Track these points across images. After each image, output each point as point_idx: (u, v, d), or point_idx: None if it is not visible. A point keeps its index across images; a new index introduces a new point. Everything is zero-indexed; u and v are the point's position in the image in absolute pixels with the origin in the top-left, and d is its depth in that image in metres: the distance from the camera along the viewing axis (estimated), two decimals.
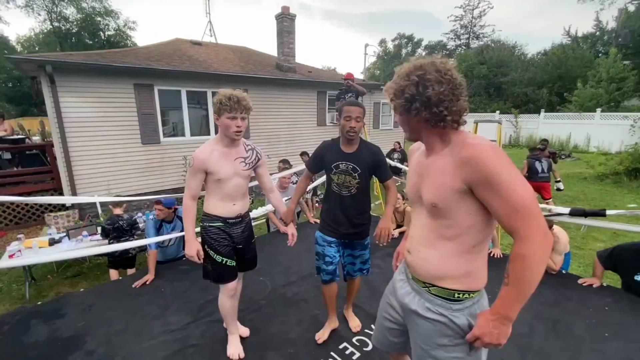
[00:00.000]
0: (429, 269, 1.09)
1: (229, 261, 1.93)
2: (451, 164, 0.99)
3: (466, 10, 30.98)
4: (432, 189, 1.04)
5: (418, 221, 1.15)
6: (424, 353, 1.13)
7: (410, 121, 1.07)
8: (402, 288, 1.22)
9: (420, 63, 1.01)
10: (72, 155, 5.92)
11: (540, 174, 5.81)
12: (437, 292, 1.08)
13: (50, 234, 4.41)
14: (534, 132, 16.49)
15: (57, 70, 5.49)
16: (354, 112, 1.85)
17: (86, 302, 2.59)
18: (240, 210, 1.96)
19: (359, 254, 2.09)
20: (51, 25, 25.16)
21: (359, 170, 1.90)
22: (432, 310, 1.09)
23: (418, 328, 1.14)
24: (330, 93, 9.59)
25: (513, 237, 0.91)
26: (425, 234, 1.10)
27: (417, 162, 1.17)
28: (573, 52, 20.05)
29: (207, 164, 1.80)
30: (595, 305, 2.36)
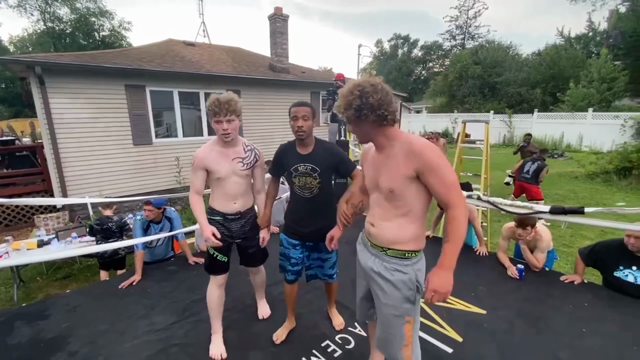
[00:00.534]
0: (387, 236, 1.39)
1: (220, 256, 2.04)
2: (403, 157, 1.28)
3: (461, 10, 31.19)
4: (388, 178, 1.33)
5: (377, 203, 1.43)
6: (386, 308, 1.40)
7: (362, 126, 1.34)
8: (363, 255, 1.52)
9: (357, 82, 1.30)
10: (63, 157, 5.89)
11: (523, 173, 5.83)
12: (392, 254, 1.38)
13: (39, 235, 4.40)
14: (528, 132, 16.61)
15: (47, 71, 5.47)
16: (300, 112, 1.82)
17: (72, 304, 2.58)
18: (240, 208, 2.04)
19: (326, 256, 2.06)
20: (45, 25, 24.98)
21: (318, 170, 1.88)
22: (389, 268, 1.38)
23: (380, 287, 1.41)
24: (323, 93, 9.62)
25: (447, 207, 1.25)
26: (384, 212, 1.39)
27: (372, 158, 1.44)
28: (566, 52, 20.21)
29: (206, 162, 1.92)
30: (576, 302, 2.40)
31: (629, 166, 8.44)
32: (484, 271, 2.91)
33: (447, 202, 1.24)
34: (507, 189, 8.31)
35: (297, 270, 2.06)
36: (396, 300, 1.37)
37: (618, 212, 2.32)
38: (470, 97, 22.72)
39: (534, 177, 5.71)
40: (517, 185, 6.05)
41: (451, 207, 1.24)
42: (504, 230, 2.99)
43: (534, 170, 5.70)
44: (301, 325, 2.25)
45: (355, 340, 2.11)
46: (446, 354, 1.95)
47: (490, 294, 2.55)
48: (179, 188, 6.94)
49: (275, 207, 4.08)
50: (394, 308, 1.38)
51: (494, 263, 3.03)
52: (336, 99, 5.79)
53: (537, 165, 5.71)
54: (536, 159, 5.90)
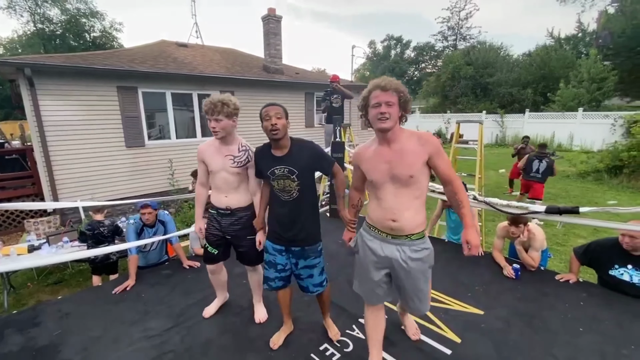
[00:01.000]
0: (410, 225, 1.60)
1: (210, 248, 2.23)
2: (416, 145, 1.54)
3: (453, 12, 31.44)
4: (407, 165, 1.53)
5: (390, 195, 1.59)
6: (416, 280, 1.67)
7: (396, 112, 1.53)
8: (385, 249, 1.67)
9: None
10: (53, 160, 5.79)
11: (533, 172, 5.77)
12: (416, 237, 1.63)
13: (29, 240, 4.32)
14: (520, 132, 16.80)
15: (37, 73, 5.38)
16: (271, 111, 1.79)
17: (63, 310, 2.53)
18: (229, 204, 2.11)
19: (314, 262, 1.96)
20: (34, 27, 24.57)
21: (296, 172, 1.82)
22: (416, 249, 1.63)
23: (409, 267, 1.64)
24: (317, 94, 9.61)
25: (450, 181, 1.59)
26: (402, 201, 1.58)
27: (377, 154, 1.61)
28: (556, 53, 20.48)
29: (203, 156, 2.13)
30: (571, 300, 2.42)
31: (620, 165, 8.58)
32: (480, 271, 2.91)
33: (450, 177, 1.58)
34: (501, 188, 8.40)
35: (285, 277, 2.00)
36: (425, 270, 1.68)
37: (612, 211, 2.34)
38: (463, 98, 22.91)
39: (546, 175, 5.67)
40: (524, 184, 6.00)
41: (454, 181, 1.58)
42: (499, 229, 3.01)
43: (545, 168, 5.65)
44: (298, 329, 2.23)
45: (354, 342, 2.09)
46: (445, 356, 1.95)
47: (486, 294, 2.55)
48: (173, 191, 6.86)
49: None
50: (423, 276, 1.68)
51: (490, 262, 3.03)
52: (332, 100, 5.80)
53: (546, 164, 5.66)
54: (541, 156, 5.82)
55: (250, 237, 2.15)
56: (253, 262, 2.26)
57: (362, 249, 1.77)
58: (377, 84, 1.53)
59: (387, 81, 1.52)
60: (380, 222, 1.64)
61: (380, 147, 1.61)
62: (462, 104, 22.63)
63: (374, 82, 1.55)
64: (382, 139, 1.60)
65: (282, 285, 2.02)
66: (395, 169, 1.54)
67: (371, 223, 1.72)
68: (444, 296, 2.53)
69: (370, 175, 1.64)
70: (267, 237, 2.01)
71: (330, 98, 5.87)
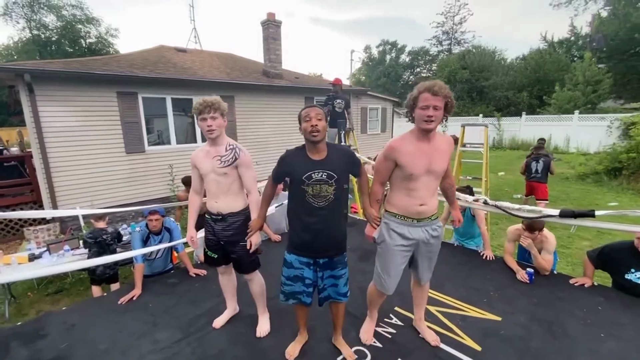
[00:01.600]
0: (433, 208, 1.88)
1: (210, 252, 2.22)
2: (446, 146, 1.84)
3: (447, 17, 31.81)
4: (442, 162, 1.81)
5: (423, 185, 1.81)
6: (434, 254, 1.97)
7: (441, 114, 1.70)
8: (412, 233, 1.87)
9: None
10: (52, 166, 5.70)
11: (533, 174, 5.87)
12: (434, 217, 1.91)
13: (29, 249, 4.22)
14: (516, 134, 16.94)
15: (36, 79, 5.31)
16: (312, 112, 1.74)
17: (69, 321, 2.45)
18: (221, 209, 2.08)
19: (340, 273, 1.89)
20: (30, 33, 24.45)
21: (335, 177, 1.75)
22: (436, 228, 1.91)
23: (431, 244, 1.92)
24: (317, 99, 9.61)
25: (449, 175, 2.00)
26: (430, 190, 1.84)
27: (417, 149, 1.77)
28: (550, 56, 20.73)
29: (195, 160, 2.11)
30: (588, 305, 2.39)
31: (619, 167, 8.63)
32: (493, 276, 2.88)
33: (450, 173, 2.00)
34: (502, 191, 8.41)
35: (311, 292, 1.91)
36: (439, 244, 1.96)
37: (629, 214, 2.32)
38: (459, 101, 23.02)
39: (545, 174, 5.79)
40: (528, 186, 6.10)
41: (451, 176, 2.03)
42: (510, 233, 2.98)
43: (543, 168, 5.76)
44: (314, 339, 2.17)
45: (372, 352, 2.04)
46: None
47: (502, 300, 2.52)
48: (173, 196, 6.78)
49: (278, 212, 3.99)
50: (437, 249, 1.96)
51: (501, 267, 3.00)
52: (335, 104, 5.77)
53: (543, 163, 5.77)
54: (537, 157, 5.93)
55: (243, 243, 2.06)
56: (247, 268, 2.19)
57: (388, 236, 1.90)
58: (429, 87, 1.65)
59: (439, 87, 1.64)
60: (407, 208, 1.84)
61: (420, 143, 1.77)
62: (459, 107, 22.73)
63: (425, 85, 1.68)
64: (423, 137, 1.77)
65: (310, 302, 1.93)
66: (434, 163, 1.77)
67: (396, 212, 1.89)
68: (459, 302, 2.49)
69: (410, 168, 1.76)
70: (291, 251, 1.90)
71: (333, 103, 5.85)
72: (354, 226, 4.45)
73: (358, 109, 11.30)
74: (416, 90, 1.71)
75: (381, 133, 12.52)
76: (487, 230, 3.34)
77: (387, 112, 12.82)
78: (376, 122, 12.44)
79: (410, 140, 1.79)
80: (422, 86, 1.68)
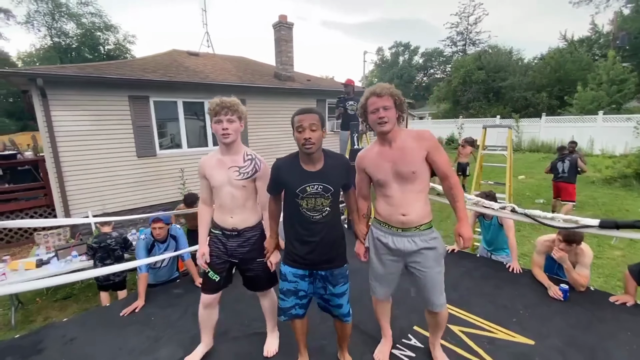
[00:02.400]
0: (418, 216, 1.69)
1: (212, 274, 1.93)
2: (414, 142, 1.66)
3: (462, 17, 31.25)
4: (409, 162, 1.63)
5: (396, 192, 1.69)
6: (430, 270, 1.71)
7: (394, 116, 1.65)
8: (397, 243, 1.72)
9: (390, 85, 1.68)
10: (65, 170, 5.71)
11: (560, 174, 5.73)
12: (425, 227, 1.71)
13: (38, 254, 4.19)
14: (536, 136, 16.32)
15: (49, 84, 5.33)
16: (306, 120, 1.54)
17: (68, 335, 2.34)
18: (237, 224, 1.88)
19: (342, 290, 1.73)
20: (51, 40, 25.31)
21: (331, 190, 1.63)
22: (426, 239, 1.70)
23: (425, 257, 1.71)
24: (329, 101, 9.45)
25: (447, 177, 1.69)
26: (408, 196, 1.68)
27: (379, 155, 1.71)
28: (571, 55, 20.00)
29: (205, 169, 1.87)
30: (633, 328, 2.12)
31: None
32: (521, 291, 2.62)
33: (447, 173, 1.68)
34: (522, 195, 8.03)
35: (305, 304, 1.77)
36: (437, 259, 1.73)
37: None
38: (475, 103, 22.51)
39: (573, 174, 5.63)
40: (555, 187, 5.99)
41: (450, 177, 1.69)
42: (540, 244, 2.72)
43: (569, 167, 5.62)
44: (324, 359, 1.98)
45: None
46: None
47: (534, 319, 2.27)
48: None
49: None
50: (436, 264, 1.73)
51: (530, 281, 2.75)
52: (347, 106, 5.58)
53: (569, 162, 5.63)
54: (563, 157, 5.80)
55: (260, 260, 1.92)
56: (265, 286, 2.02)
57: (372, 245, 1.84)
58: (372, 91, 1.64)
59: (381, 87, 1.63)
60: (390, 217, 1.72)
61: (382, 148, 1.71)
62: (475, 108, 22.22)
63: (369, 90, 1.67)
64: (383, 140, 1.71)
65: (303, 313, 1.78)
66: (398, 166, 1.64)
67: (381, 220, 1.78)
68: (485, 322, 2.26)
69: (376, 175, 1.72)
70: (287, 263, 1.74)
71: (345, 104, 5.67)
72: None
73: None
74: (363, 98, 1.70)
75: None
76: (514, 242, 3.06)
77: None
78: None
79: (374, 147, 1.77)
80: (367, 92, 1.68)
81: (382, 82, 1.72)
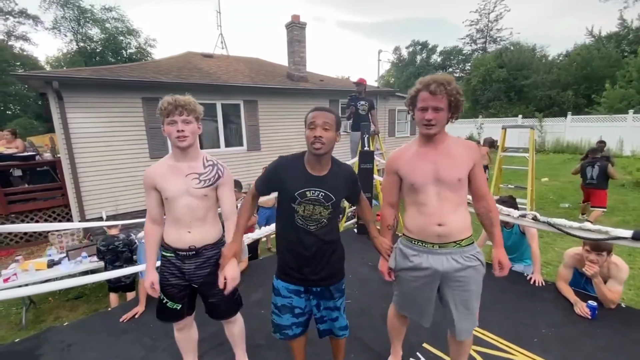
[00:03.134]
0: (457, 229, 1.47)
1: (170, 303, 1.68)
2: (463, 150, 1.49)
3: (482, 14, 30.36)
4: (455, 168, 1.45)
5: (433, 198, 1.47)
6: (468, 293, 1.50)
7: (445, 115, 1.42)
8: (433, 262, 1.49)
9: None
10: (80, 171, 5.83)
11: (588, 180, 5.46)
12: (467, 242, 1.50)
13: (50, 254, 4.25)
14: (561, 137, 15.58)
15: (64, 86, 5.45)
16: (319, 118, 1.41)
17: (67, 340, 2.30)
18: (194, 241, 1.62)
19: (338, 304, 1.61)
20: (77, 45, 26.35)
21: (333, 199, 1.48)
22: (469, 257, 1.48)
23: (466, 277, 1.48)
24: (342, 101, 9.30)
25: (484, 197, 1.54)
26: (448, 205, 1.46)
27: (423, 154, 1.50)
28: (598, 52, 19.03)
29: (154, 179, 1.59)
30: None
31: None
32: (544, 307, 2.40)
33: (484, 193, 1.53)
34: (545, 199, 7.61)
35: (303, 322, 1.64)
36: (478, 280, 1.51)
37: None
38: (495, 102, 21.79)
39: (602, 180, 5.37)
40: (585, 192, 5.74)
41: (487, 197, 1.54)
42: (568, 257, 2.48)
43: (598, 174, 5.35)
44: None
45: None
46: None
47: (558, 340, 2.05)
48: None
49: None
50: (476, 287, 1.51)
51: (554, 296, 2.52)
52: (358, 106, 5.42)
53: (598, 168, 5.35)
54: (593, 161, 5.51)
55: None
56: (229, 312, 1.79)
57: (403, 267, 1.58)
58: (427, 84, 1.38)
59: (438, 83, 1.36)
60: (423, 230, 1.49)
61: (423, 148, 1.51)
62: (495, 108, 21.50)
63: (423, 81, 1.41)
64: (426, 141, 1.50)
65: (301, 332, 1.65)
66: (442, 170, 1.45)
67: (412, 236, 1.55)
68: (503, 341, 2.06)
69: (411, 177, 1.50)
70: (280, 277, 1.61)
71: (356, 104, 5.51)
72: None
73: (386, 111, 10.86)
74: (413, 88, 1.45)
75: (410, 136, 11.95)
76: (538, 251, 2.82)
77: None
78: (405, 125, 11.91)
79: (412, 147, 1.56)
80: (420, 82, 1.42)
81: (440, 74, 1.42)
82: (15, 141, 6.50)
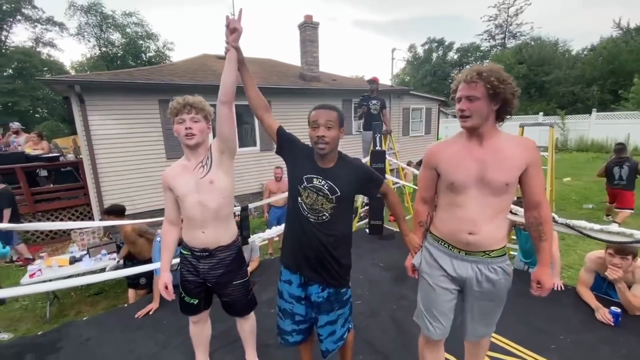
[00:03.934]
0: (490, 238, 1.34)
1: (187, 297, 1.76)
2: (517, 148, 1.29)
3: (501, 9, 29.52)
4: (505, 170, 1.28)
5: (474, 202, 1.32)
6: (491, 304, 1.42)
7: (489, 107, 1.27)
8: (457, 268, 1.40)
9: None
10: (100, 172, 6.04)
11: (616, 180, 5.22)
12: (497, 254, 1.37)
13: (72, 252, 4.42)
14: (585, 135, 14.96)
15: (86, 90, 5.65)
16: (321, 116, 1.39)
17: (85, 335, 2.39)
18: (208, 242, 1.64)
19: (336, 315, 1.54)
20: (99, 50, 27.36)
21: (337, 193, 1.44)
22: (495, 269, 1.36)
23: (492, 289, 1.38)
24: (355, 101, 9.24)
25: (538, 205, 1.33)
26: (487, 212, 1.32)
27: (468, 150, 1.33)
28: (626, 45, 18.16)
29: (168, 180, 1.64)
30: None
31: None
32: (563, 313, 2.31)
33: (540, 200, 1.33)
34: (567, 200, 7.32)
35: (304, 329, 1.61)
36: (502, 293, 1.41)
37: None
38: None
39: (631, 181, 5.13)
40: (610, 194, 5.48)
41: (543, 206, 1.32)
42: (589, 260, 2.38)
43: (628, 174, 5.12)
44: None
45: None
46: None
47: (577, 348, 1.97)
48: None
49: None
50: (500, 300, 1.43)
51: (574, 301, 2.41)
52: (370, 105, 5.38)
53: (628, 168, 5.12)
54: (620, 161, 5.27)
55: (236, 283, 1.74)
56: (244, 310, 1.83)
57: (428, 266, 1.49)
58: (465, 72, 1.29)
59: (475, 70, 1.25)
60: (452, 235, 1.39)
61: (467, 143, 1.35)
62: None
63: (464, 71, 1.32)
64: (470, 135, 1.34)
65: (302, 339, 1.63)
66: (489, 171, 1.28)
67: (439, 236, 1.46)
68: (519, 348, 1.99)
69: (452, 175, 1.35)
70: (281, 261, 1.63)
71: (368, 103, 5.47)
72: (391, 239, 4.03)
73: (400, 110, 10.71)
74: (455, 81, 1.36)
75: (425, 135, 11.75)
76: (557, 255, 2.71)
77: (431, 113, 12.01)
78: (419, 124, 11.71)
79: (456, 141, 1.40)
80: (460, 75, 1.33)
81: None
82: (41, 143, 6.80)
